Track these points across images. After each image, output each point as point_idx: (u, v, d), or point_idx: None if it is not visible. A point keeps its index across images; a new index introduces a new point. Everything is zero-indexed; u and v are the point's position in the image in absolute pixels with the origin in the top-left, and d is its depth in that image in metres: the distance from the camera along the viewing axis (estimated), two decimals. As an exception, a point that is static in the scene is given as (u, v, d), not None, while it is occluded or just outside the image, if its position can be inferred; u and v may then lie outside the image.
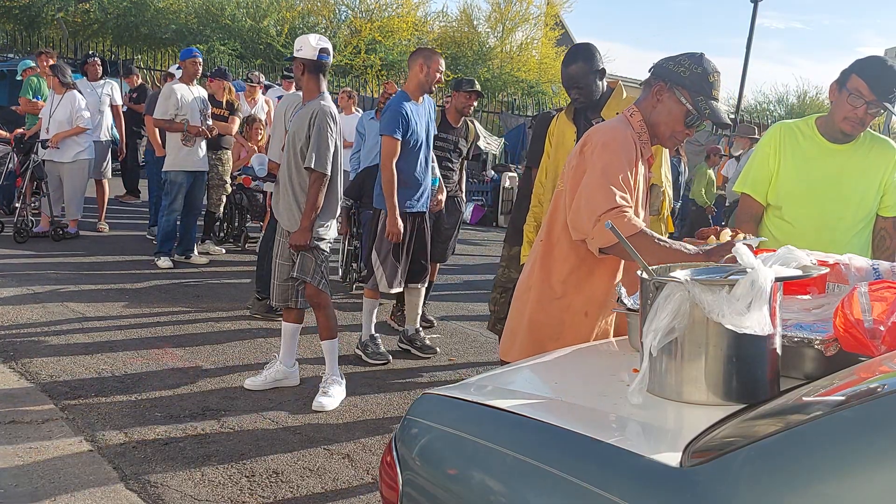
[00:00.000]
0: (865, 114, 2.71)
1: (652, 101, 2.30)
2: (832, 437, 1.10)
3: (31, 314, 5.06)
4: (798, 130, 2.91)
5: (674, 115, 2.27)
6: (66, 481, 3.00)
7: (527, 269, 2.52)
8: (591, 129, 2.37)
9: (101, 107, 7.91)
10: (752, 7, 15.67)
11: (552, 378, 1.89)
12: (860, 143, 2.84)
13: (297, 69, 3.90)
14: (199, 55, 6.89)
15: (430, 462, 1.58)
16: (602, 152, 2.22)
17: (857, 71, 2.69)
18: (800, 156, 2.87)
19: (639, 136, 2.31)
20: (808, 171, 2.84)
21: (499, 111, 17.40)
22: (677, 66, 2.25)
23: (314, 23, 19.98)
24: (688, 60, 2.25)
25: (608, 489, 1.22)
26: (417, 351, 4.97)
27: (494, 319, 4.14)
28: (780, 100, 29.66)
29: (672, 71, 2.25)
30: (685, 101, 2.24)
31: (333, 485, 3.19)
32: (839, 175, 2.81)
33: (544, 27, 22.55)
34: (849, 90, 2.70)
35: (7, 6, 18.46)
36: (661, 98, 2.27)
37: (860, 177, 2.82)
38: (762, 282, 1.44)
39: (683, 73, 2.23)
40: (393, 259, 4.67)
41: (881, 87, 2.65)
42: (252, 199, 7.75)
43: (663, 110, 2.28)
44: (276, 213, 4.11)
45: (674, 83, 2.24)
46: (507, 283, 4.05)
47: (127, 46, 18.73)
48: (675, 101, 2.25)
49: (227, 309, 5.62)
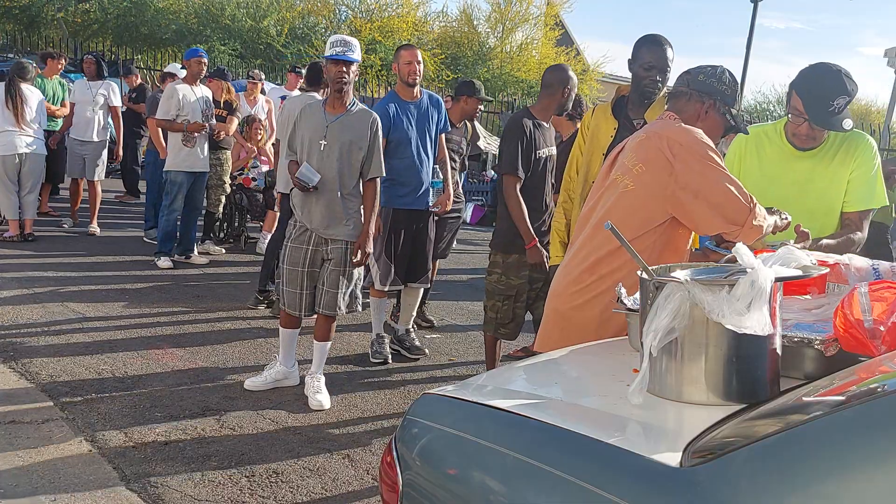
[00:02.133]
0: (811, 129, 2.60)
1: (698, 115, 2.44)
2: (832, 437, 1.10)
3: (31, 314, 5.06)
4: (765, 136, 2.81)
5: (718, 128, 2.47)
6: (66, 481, 3.00)
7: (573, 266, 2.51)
8: (664, 133, 2.37)
9: (94, 107, 7.82)
10: (752, 7, 15.68)
11: (552, 378, 1.89)
12: (828, 147, 2.69)
13: (355, 73, 3.89)
14: (205, 55, 6.88)
15: (430, 462, 1.58)
16: (710, 149, 2.33)
17: (796, 87, 2.60)
18: (765, 163, 2.77)
19: None
20: (772, 179, 2.73)
21: (499, 111, 17.38)
22: (720, 83, 2.43)
23: (314, 23, 19.96)
24: (726, 77, 2.44)
25: (608, 489, 1.22)
26: (406, 352, 4.93)
27: (496, 325, 4.09)
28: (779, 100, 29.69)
29: (718, 89, 2.42)
30: (729, 117, 2.45)
31: (333, 485, 3.19)
32: (805, 184, 2.69)
33: (544, 27, 22.52)
34: (790, 107, 2.63)
35: (7, 6, 18.44)
36: (709, 113, 2.44)
37: (828, 185, 2.69)
38: (762, 282, 1.44)
39: (727, 91, 2.43)
40: (385, 257, 4.66)
41: (815, 105, 2.54)
42: (252, 199, 7.74)
43: (709, 124, 2.44)
44: (309, 222, 3.91)
45: (721, 100, 2.43)
46: (508, 290, 4.03)
47: (127, 46, 18.71)
48: (720, 117, 2.45)
49: (227, 309, 5.61)
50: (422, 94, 4.77)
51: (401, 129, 4.57)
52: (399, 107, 4.61)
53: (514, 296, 4.06)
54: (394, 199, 4.64)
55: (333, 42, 3.83)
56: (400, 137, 4.57)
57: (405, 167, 4.62)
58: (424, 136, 4.71)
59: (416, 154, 4.67)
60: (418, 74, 4.63)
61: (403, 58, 4.62)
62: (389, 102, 4.66)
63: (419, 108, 4.70)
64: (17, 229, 7.08)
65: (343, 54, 3.76)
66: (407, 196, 4.67)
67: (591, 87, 20.58)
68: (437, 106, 4.82)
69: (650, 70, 3.24)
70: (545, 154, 4.07)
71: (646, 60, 3.25)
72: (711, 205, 2.30)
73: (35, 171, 7.22)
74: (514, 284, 4.06)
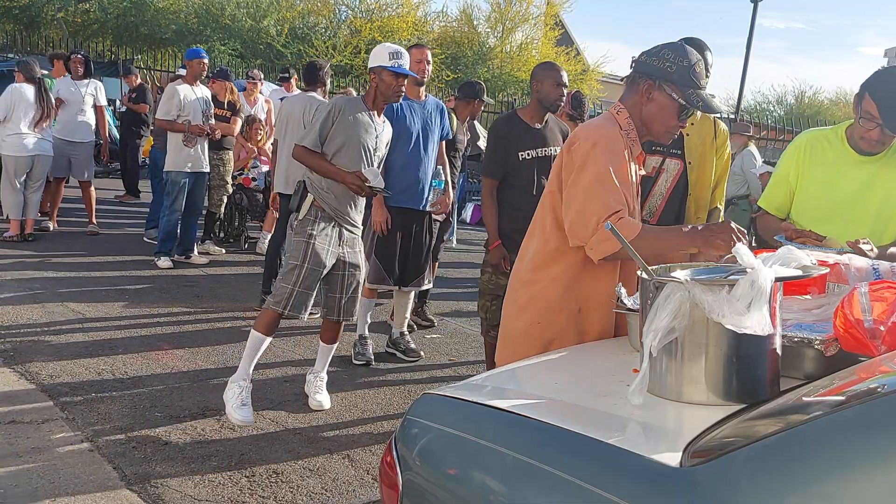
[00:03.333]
0: (882, 135, 2.51)
1: (641, 99, 2.25)
2: (832, 437, 1.10)
3: (31, 314, 5.06)
4: (825, 140, 2.71)
5: (667, 110, 2.23)
6: (66, 481, 3.00)
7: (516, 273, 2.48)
8: (578, 129, 2.34)
9: (84, 107, 7.79)
10: (752, 7, 15.67)
11: (552, 378, 1.89)
12: (892, 151, 2.60)
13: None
14: (206, 56, 6.88)
15: (430, 462, 1.58)
16: (592, 153, 2.18)
17: (871, 90, 2.48)
18: (825, 168, 2.68)
19: (627, 134, 2.27)
20: (832, 185, 2.65)
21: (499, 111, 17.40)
22: (661, 61, 2.20)
23: (314, 23, 19.97)
24: (671, 53, 2.20)
25: (608, 489, 1.22)
26: (402, 354, 4.90)
27: (487, 326, 4.09)
28: (779, 100, 29.72)
29: (657, 67, 2.20)
30: (677, 96, 2.20)
31: (333, 485, 3.19)
32: (866, 189, 2.61)
33: (544, 27, 22.53)
34: (862, 110, 2.51)
35: (7, 6, 18.45)
36: (651, 95, 2.23)
37: (890, 190, 2.59)
38: (762, 282, 1.44)
39: (669, 67, 2.19)
40: (375, 257, 4.63)
41: (891, 110, 2.42)
42: (252, 200, 7.75)
43: (655, 107, 2.24)
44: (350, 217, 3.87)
45: (662, 79, 2.20)
46: (497, 290, 3.97)
47: (127, 46, 18.73)
48: (665, 97, 2.21)
49: (227, 309, 5.61)
50: (427, 98, 4.75)
51: (402, 123, 4.53)
52: (404, 102, 4.57)
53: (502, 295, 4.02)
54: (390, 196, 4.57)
55: (393, 53, 3.80)
56: (400, 131, 4.51)
57: (402, 163, 4.57)
58: (427, 136, 4.68)
59: (415, 152, 4.62)
60: (426, 74, 4.63)
61: (414, 56, 4.60)
62: None
63: (423, 108, 4.68)
64: (18, 229, 7.09)
65: (403, 67, 3.82)
66: (401, 194, 4.59)
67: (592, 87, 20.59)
68: (440, 112, 4.80)
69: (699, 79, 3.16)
70: (533, 155, 4.00)
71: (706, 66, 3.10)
72: (567, 209, 2.22)
73: (44, 172, 7.27)
74: (503, 284, 4.02)
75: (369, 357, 4.73)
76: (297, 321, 5.42)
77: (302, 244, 3.74)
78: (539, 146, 4.02)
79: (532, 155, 4.00)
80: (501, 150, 3.98)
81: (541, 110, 4.04)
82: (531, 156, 4.00)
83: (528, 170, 3.99)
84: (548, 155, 4.06)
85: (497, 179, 4.01)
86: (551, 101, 4.00)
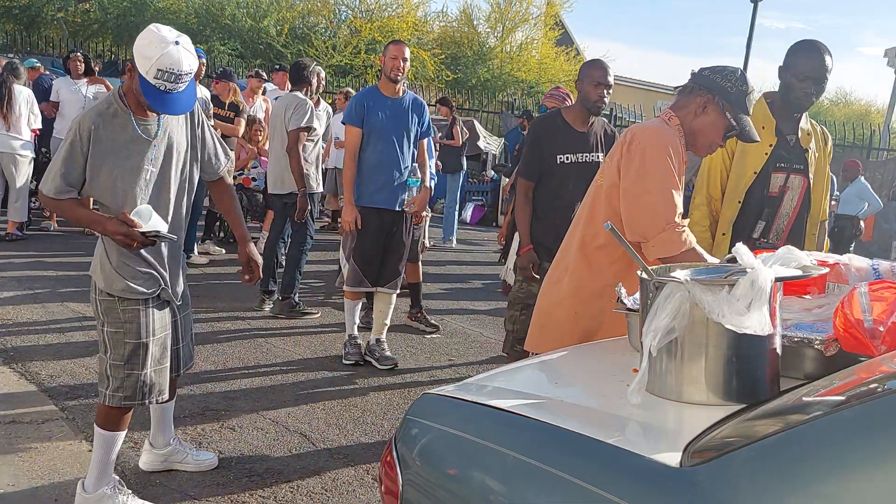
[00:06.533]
0: None
1: (695, 110, 2.36)
2: (832, 437, 1.10)
3: (31, 314, 5.06)
4: None
5: (716, 127, 2.35)
6: (66, 481, 3.00)
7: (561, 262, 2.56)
8: (636, 128, 2.39)
9: (85, 106, 7.79)
10: (752, 7, 15.68)
11: (552, 378, 1.89)
12: None
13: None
14: (203, 56, 6.89)
15: (430, 462, 1.58)
16: (659, 155, 2.26)
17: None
18: None
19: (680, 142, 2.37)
20: None
21: (499, 111, 17.40)
22: (724, 80, 2.32)
23: (314, 23, 19.97)
24: (733, 76, 2.33)
25: (608, 489, 1.22)
26: (376, 363, 4.66)
27: (513, 340, 3.85)
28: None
29: (720, 85, 2.32)
30: (729, 115, 2.32)
31: (333, 485, 3.19)
32: None
33: (544, 27, 22.54)
34: None
35: (7, 6, 18.45)
36: (706, 109, 2.34)
37: None
38: (762, 282, 1.44)
39: (730, 88, 2.32)
40: (353, 260, 4.58)
41: None
42: (252, 200, 7.75)
43: (707, 121, 2.35)
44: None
45: (721, 97, 2.32)
46: (528, 297, 3.70)
47: (127, 46, 18.70)
48: (719, 114, 2.33)
49: (227, 309, 5.61)
50: (405, 94, 4.65)
51: (374, 120, 4.47)
52: (375, 99, 4.53)
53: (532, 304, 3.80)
54: (363, 196, 4.51)
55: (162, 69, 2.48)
56: (372, 128, 4.47)
57: (376, 161, 4.49)
58: (401, 134, 4.55)
59: (389, 149, 4.52)
60: (401, 71, 4.50)
61: (390, 52, 4.56)
62: (364, 93, 4.70)
63: (399, 105, 4.57)
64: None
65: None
66: (376, 193, 4.51)
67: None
68: (419, 109, 4.65)
69: (804, 81, 2.95)
70: (573, 160, 3.76)
71: (800, 70, 2.95)
72: (628, 209, 2.30)
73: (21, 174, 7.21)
74: (534, 292, 3.63)
75: (359, 356, 4.70)
76: (297, 321, 5.48)
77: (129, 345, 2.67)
78: (580, 150, 3.79)
79: (571, 160, 3.77)
80: (536, 152, 3.80)
81: (584, 112, 3.81)
82: (570, 160, 3.77)
83: (565, 174, 3.76)
84: (588, 161, 3.78)
85: (532, 181, 3.80)
86: (591, 101, 3.75)
